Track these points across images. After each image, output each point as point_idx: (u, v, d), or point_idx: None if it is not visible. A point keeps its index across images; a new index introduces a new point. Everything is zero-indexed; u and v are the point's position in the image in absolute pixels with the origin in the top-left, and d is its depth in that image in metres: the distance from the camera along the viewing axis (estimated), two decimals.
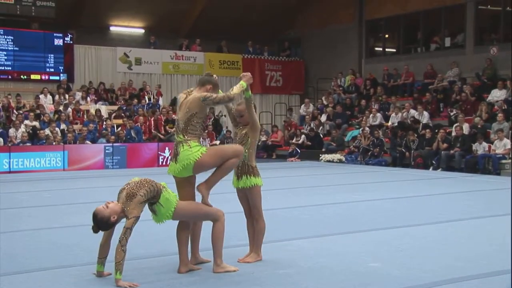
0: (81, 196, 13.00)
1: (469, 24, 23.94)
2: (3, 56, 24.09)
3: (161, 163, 21.38)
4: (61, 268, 6.46)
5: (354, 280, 5.94)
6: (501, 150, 18.45)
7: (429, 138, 20.39)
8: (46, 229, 8.88)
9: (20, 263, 6.69)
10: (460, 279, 6.01)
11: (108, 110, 24.09)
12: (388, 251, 7.31)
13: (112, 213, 5.70)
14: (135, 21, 28.67)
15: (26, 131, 20.79)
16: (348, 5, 28.27)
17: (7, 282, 5.97)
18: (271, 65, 29.63)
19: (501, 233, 8.66)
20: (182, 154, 6.14)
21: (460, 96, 22.02)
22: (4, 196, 13.22)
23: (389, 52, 27.97)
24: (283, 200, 12.11)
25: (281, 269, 6.35)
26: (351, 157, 22.34)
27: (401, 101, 23.95)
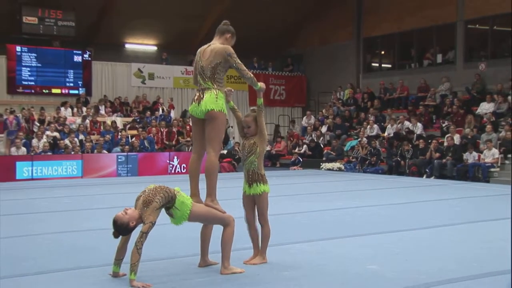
0: (97, 202, 13.03)
1: (459, 42, 24.00)
2: (27, 71, 24.24)
3: (171, 171, 21.38)
4: (80, 269, 6.45)
5: (353, 282, 5.93)
6: (490, 159, 18.45)
7: (423, 148, 20.37)
8: (65, 233, 8.86)
9: (41, 264, 6.69)
10: (453, 280, 6.00)
11: (123, 122, 24.12)
12: (385, 254, 7.28)
13: (131, 219, 5.74)
14: (148, 39, 28.77)
15: (48, 141, 20.84)
16: (347, 24, 28.33)
17: (29, 282, 5.99)
18: (275, 79, 29.67)
19: (491, 236, 8.67)
20: (206, 98, 6.24)
21: (452, 108, 22.06)
22: (27, 202, 13.28)
23: (385, 68, 28.00)
24: (286, 206, 12.06)
25: (285, 271, 6.33)
26: (350, 165, 22.32)
27: (396, 113, 23.95)
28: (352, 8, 28.11)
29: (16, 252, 7.46)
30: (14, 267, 6.58)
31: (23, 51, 24.29)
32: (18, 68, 24.14)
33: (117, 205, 7.15)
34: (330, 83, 28.57)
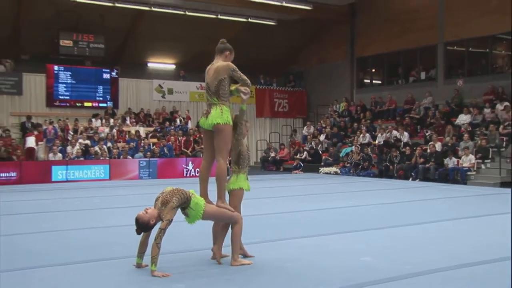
0: (122, 202, 13.05)
1: (440, 61, 23.99)
2: (63, 87, 24.37)
3: (186, 175, 21.36)
4: (108, 260, 6.46)
5: (348, 272, 5.89)
6: (467, 164, 18.39)
7: (409, 154, 20.31)
8: (96, 228, 8.87)
9: (74, 256, 6.69)
10: (436, 270, 5.96)
11: (146, 131, 24.12)
12: (376, 247, 7.24)
13: (151, 217, 5.76)
14: (168, 58, 28.85)
15: (80, 148, 20.89)
16: (341, 45, 28.33)
17: (64, 271, 6.00)
18: (279, 94, 29.68)
19: (469, 231, 8.63)
20: (213, 113, 6.23)
21: (434, 119, 22.06)
22: (62, 201, 13.29)
23: (375, 84, 27.94)
24: (288, 205, 12.05)
25: (287, 263, 6.29)
26: (345, 170, 22.27)
27: (386, 123, 23.88)
28: (346, 31, 28.10)
29: (53, 245, 7.49)
30: (52, 258, 6.61)
31: (60, 70, 24.40)
32: (55, 84, 24.25)
33: (139, 205, 7.14)
34: (327, 97, 28.56)
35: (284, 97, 29.85)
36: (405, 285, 5.50)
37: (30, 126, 22.15)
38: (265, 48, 28.71)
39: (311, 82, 30.27)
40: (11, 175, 18.57)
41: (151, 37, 26.78)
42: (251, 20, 26.55)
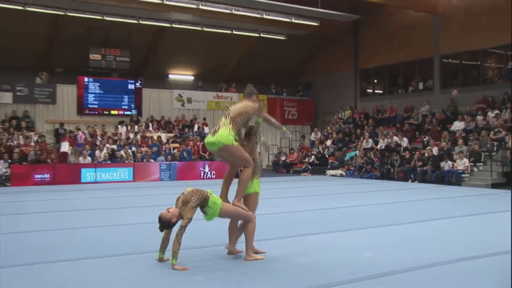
0: (145, 201, 13.07)
1: (436, 72, 23.91)
2: (92, 97, 24.53)
3: (203, 177, 21.36)
4: (132, 254, 6.50)
5: (352, 266, 5.90)
6: (461, 167, 18.30)
7: (408, 158, 20.24)
8: (121, 225, 8.91)
9: (103, 250, 6.75)
10: (434, 265, 5.95)
11: (167, 137, 24.18)
12: (378, 244, 7.23)
13: (173, 216, 5.80)
14: (187, 70, 28.93)
15: (107, 152, 20.98)
16: (346, 58, 28.28)
17: (94, 264, 6.05)
18: (289, 103, 29.66)
19: (465, 229, 8.60)
20: (220, 133, 6.12)
21: (431, 126, 21.97)
22: (92, 200, 13.37)
23: (377, 93, 27.87)
24: (298, 205, 12.03)
25: (297, 258, 6.30)
26: (350, 172, 22.20)
27: (387, 130, 23.76)
28: (350, 45, 28.05)
29: (84, 239, 7.53)
30: (84, 251, 6.68)
31: (89, 81, 24.57)
32: (85, 94, 24.41)
33: (160, 204, 7.16)
34: (333, 105, 28.50)
35: (294, 105, 29.83)
36: (404, 278, 5.48)
37: (62, 132, 22.31)
38: (276, 60, 28.75)
39: (318, 92, 30.23)
40: (45, 177, 18.72)
41: (171, 51, 26.90)
42: (263, 35, 26.58)
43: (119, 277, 5.52)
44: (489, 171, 17.94)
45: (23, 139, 20.87)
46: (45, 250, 6.82)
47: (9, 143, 20.27)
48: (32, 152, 19.85)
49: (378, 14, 25.97)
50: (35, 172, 18.72)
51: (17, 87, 23.05)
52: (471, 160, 18.51)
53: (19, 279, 5.46)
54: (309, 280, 5.32)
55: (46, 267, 5.92)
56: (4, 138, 20.50)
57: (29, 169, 18.85)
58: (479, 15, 21.78)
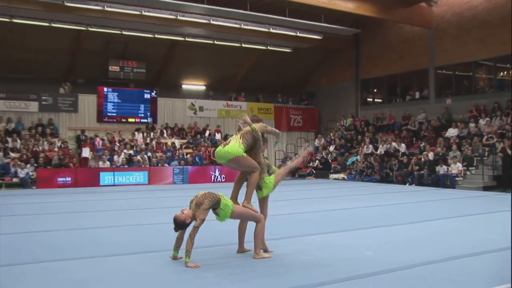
0: (159, 203, 13.10)
1: (431, 83, 23.88)
2: (111, 106, 24.60)
3: (213, 180, 21.35)
4: (148, 252, 6.51)
5: (353, 264, 5.89)
6: (455, 171, 18.27)
7: (406, 163, 20.19)
8: (138, 225, 8.93)
9: (121, 248, 6.77)
10: (430, 262, 5.93)
11: (180, 143, 24.25)
12: (378, 243, 7.20)
13: (187, 217, 5.81)
14: (199, 81, 28.99)
15: (125, 157, 21.06)
16: (348, 69, 28.26)
17: (112, 261, 6.07)
18: (294, 111, 29.64)
19: (459, 229, 8.56)
20: (230, 145, 6.18)
21: (427, 132, 21.95)
22: (112, 202, 13.44)
23: (377, 102, 27.81)
24: (302, 206, 12.02)
25: (301, 256, 6.29)
26: (351, 176, 22.18)
27: (386, 136, 23.73)
28: (352, 57, 28.04)
29: (104, 238, 7.56)
30: (103, 249, 6.69)
31: (108, 91, 24.64)
32: (104, 103, 24.49)
33: (174, 206, 7.20)
34: (336, 113, 28.48)
35: (299, 113, 29.80)
36: (403, 275, 5.47)
37: (83, 138, 22.42)
38: (282, 71, 28.79)
39: (322, 101, 30.20)
40: (67, 180, 18.81)
41: (185, 62, 26.98)
42: (270, 48, 26.62)
43: (136, 273, 5.53)
44: (480, 174, 17.89)
45: (48, 145, 21.01)
46: (66, 248, 6.85)
47: (35, 149, 20.43)
48: (55, 157, 19.99)
49: (377, 28, 26.00)
50: (58, 175, 18.83)
51: (42, 97, 23.20)
52: (464, 164, 18.48)
53: (40, 275, 5.49)
54: (313, 277, 5.31)
55: (67, 264, 5.95)
56: (30, 144, 20.67)
57: (53, 173, 18.97)
58: (469, 30, 21.92)
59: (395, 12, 22.54)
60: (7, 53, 22.76)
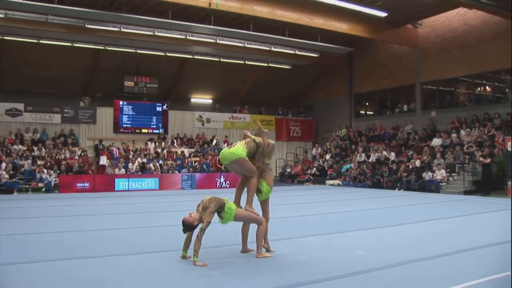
0: (169, 207, 13.08)
1: (418, 97, 23.92)
2: (126, 118, 24.67)
3: (219, 186, 21.28)
4: (159, 252, 6.49)
5: (346, 262, 5.88)
6: (439, 177, 18.20)
7: (395, 169, 20.13)
8: (150, 227, 8.91)
9: (132, 247, 6.75)
10: (417, 260, 5.94)
11: (189, 152, 24.25)
12: (370, 243, 7.17)
13: (194, 220, 5.84)
14: (206, 95, 29.04)
15: (138, 165, 21.05)
16: (342, 84, 28.28)
17: (128, 260, 6.06)
18: (293, 122, 29.65)
19: (443, 229, 8.55)
20: (235, 148, 6.24)
21: (414, 142, 21.92)
22: (126, 205, 13.42)
23: (369, 114, 27.81)
24: (301, 210, 11.99)
25: (299, 256, 6.27)
26: (346, 182, 22.12)
27: (377, 145, 23.71)
28: (346, 73, 28.06)
29: (117, 239, 7.54)
30: (117, 249, 6.68)
31: (124, 104, 24.72)
32: (120, 115, 24.55)
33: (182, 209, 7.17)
34: (332, 124, 28.46)
35: (298, 124, 29.82)
36: (392, 272, 5.46)
37: (101, 147, 22.44)
38: (282, 86, 28.86)
39: (319, 113, 30.21)
40: (85, 185, 18.80)
41: (193, 78, 27.05)
42: (271, 64, 26.67)
43: (147, 271, 5.52)
44: (462, 180, 17.90)
45: (69, 153, 21.05)
46: (80, 248, 6.83)
47: (58, 157, 20.48)
48: (76, 164, 20.02)
49: (368, 47, 26.07)
50: (77, 181, 18.84)
51: (64, 110, 23.30)
52: (448, 171, 18.46)
53: (54, 273, 5.47)
54: (310, 275, 5.30)
55: (81, 262, 5.94)
56: (54, 153, 20.72)
57: (73, 179, 18.97)
58: (451, 50, 22.14)
59: (384, 33, 22.63)
60: (34, 71, 22.91)
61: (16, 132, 21.86)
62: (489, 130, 19.35)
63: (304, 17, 19.83)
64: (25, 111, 22.43)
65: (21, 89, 23.30)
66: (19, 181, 18.33)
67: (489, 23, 20.32)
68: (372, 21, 21.52)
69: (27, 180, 18.61)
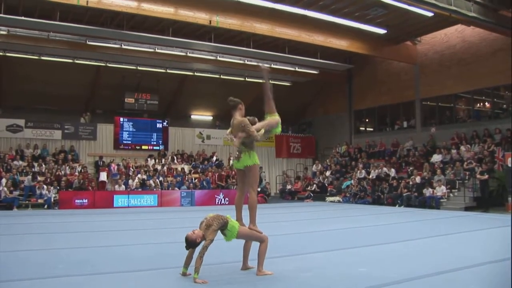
0: (168, 223, 13.03)
1: (418, 113, 23.99)
2: (126, 134, 24.74)
3: (217, 203, 21.19)
4: (159, 269, 6.44)
5: (348, 279, 5.86)
6: (440, 193, 18.20)
7: (396, 186, 20.12)
8: (151, 244, 8.86)
9: (131, 265, 6.70)
10: (418, 277, 5.92)
11: (189, 168, 24.25)
12: (371, 260, 7.15)
13: (197, 237, 5.84)
14: (206, 111, 29.15)
15: (138, 181, 21.04)
16: (342, 100, 28.40)
17: (128, 277, 6.03)
18: (294, 139, 29.71)
19: (443, 246, 8.51)
20: (243, 158, 6.34)
21: (414, 158, 21.95)
22: (127, 222, 13.38)
23: (369, 131, 27.86)
24: (302, 227, 11.97)
25: (302, 273, 6.23)
26: (346, 198, 22.08)
27: (377, 162, 23.69)
28: (345, 90, 28.19)
29: (121, 255, 7.50)
30: (121, 265, 6.65)
31: (124, 121, 24.80)
32: (120, 132, 24.62)
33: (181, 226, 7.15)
34: (332, 141, 28.51)
35: (298, 141, 29.86)
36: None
37: (101, 164, 22.45)
38: (282, 103, 28.44)
39: (319, 130, 30.28)
40: (84, 201, 18.76)
41: (193, 95, 27.19)
42: (271, 81, 26.67)
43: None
44: (462, 196, 17.87)
45: (69, 169, 21.06)
46: (83, 264, 6.78)
47: (58, 173, 20.48)
48: (76, 180, 20.01)
49: (368, 64, 26.22)
50: (76, 197, 18.80)
51: (65, 126, 23.39)
52: (448, 187, 18.42)
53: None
54: None
55: (86, 279, 5.90)
56: (54, 169, 20.72)
57: (72, 195, 18.94)
58: (449, 66, 22.30)
59: (383, 50, 22.81)
60: (35, 87, 23.04)
61: (17, 148, 21.91)
62: (489, 146, 19.39)
63: (304, 34, 20.01)
64: (26, 127, 22.50)
65: (22, 105, 23.42)
66: (19, 197, 18.32)
67: (487, 39, 20.52)
68: (372, 38, 21.72)
69: (27, 196, 18.60)
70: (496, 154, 18.66)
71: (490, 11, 17.76)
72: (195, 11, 17.33)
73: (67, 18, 18.20)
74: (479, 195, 17.64)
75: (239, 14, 18.20)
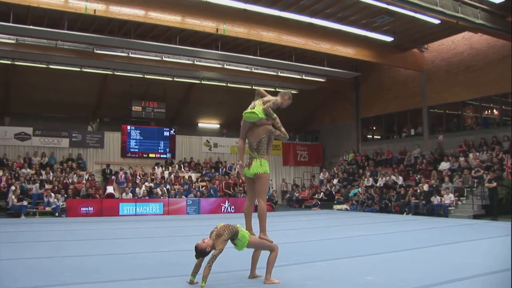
0: (173, 232, 13.03)
1: (425, 121, 23.92)
2: (133, 142, 24.82)
3: (223, 211, 21.19)
4: (167, 277, 6.46)
5: (356, 287, 5.83)
6: (448, 201, 18.11)
7: (403, 194, 20.05)
8: (157, 252, 8.89)
9: (138, 273, 6.72)
10: (425, 286, 5.89)
11: (196, 176, 24.29)
12: (378, 268, 7.13)
13: (207, 246, 5.85)
14: (213, 120, 29.25)
15: (146, 189, 21.10)
16: (349, 108, 28.41)
17: (134, 285, 6.03)
18: (301, 147, 29.71)
19: (451, 254, 8.49)
20: (254, 165, 6.32)
21: (422, 166, 21.85)
22: (134, 230, 13.41)
23: (376, 138, 27.82)
24: (309, 235, 11.95)
25: (309, 281, 6.23)
26: (353, 206, 22.02)
27: (385, 170, 23.66)
28: (352, 98, 28.20)
29: (128, 263, 7.52)
30: (126, 274, 6.66)
31: (131, 129, 24.91)
32: (128, 140, 24.73)
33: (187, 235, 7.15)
34: (339, 149, 28.49)
35: (305, 149, 29.86)
36: None
37: (108, 172, 22.55)
38: (289, 111, 28.46)
39: (326, 138, 30.28)
40: (90, 209, 18.82)
41: (200, 103, 27.30)
42: (278, 89, 26.75)
43: None
44: (470, 204, 17.78)
45: (77, 177, 21.16)
46: (90, 272, 6.82)
47: (65, 181, 20.60)
48: (83, 188, 20.10)
49: (375, 72, 26.25)
50: (82, 205, 18.87)
51: (72, 134, 23.53)
52: (456, 195, 18.35)
53: None
54: None
55: (95, 287, 5.94)
56: (61, 177, 20.84)
57: (79, 203, 19.02)
58: (457, 73, 22.25)
59: (390, 57, 22.82)
60: (43, 96, 23.26)
61: (25, 156, 22.06)
62: (498, 153, 19.30)
63: (311, 42, 20.07)
64: (34, 135, 22.67)
65: (30, 113, 23.63)
66: (27, 204, 18.43)
67: (495, 46, 20.48)
68: (378, 46, 21.74)
69: (34, 204, 18.71)
70: (504, 161, 18.57)
71: (497, 18, 17.74)
72: (202, 19, 17.45)
73: (75, 27, 18.41)
74: (488, 203, 17.55)
75: (245, 22, 18.30)
